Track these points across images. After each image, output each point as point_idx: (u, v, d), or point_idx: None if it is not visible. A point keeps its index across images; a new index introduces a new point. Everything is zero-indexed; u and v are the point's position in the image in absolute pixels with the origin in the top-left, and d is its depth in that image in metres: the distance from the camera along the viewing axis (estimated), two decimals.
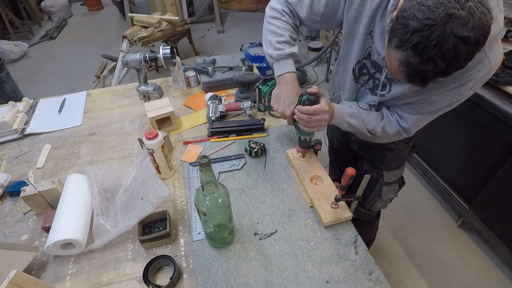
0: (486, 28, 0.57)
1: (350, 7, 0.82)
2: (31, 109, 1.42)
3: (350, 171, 0.78)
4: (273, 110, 1.02)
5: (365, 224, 1.39)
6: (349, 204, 0.90)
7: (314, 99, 0.86)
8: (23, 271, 0.65)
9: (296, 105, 0.91)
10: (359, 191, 0.84)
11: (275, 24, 0.95)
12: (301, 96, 0.89)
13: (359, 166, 1.22)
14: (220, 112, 1.25)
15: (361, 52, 0.87)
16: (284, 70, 0.93)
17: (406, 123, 0.89)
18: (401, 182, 1.21)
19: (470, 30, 0.55)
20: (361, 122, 0.92)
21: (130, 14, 3.39)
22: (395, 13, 0.65)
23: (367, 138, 1.04)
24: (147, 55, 1.33)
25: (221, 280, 0.77)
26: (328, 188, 0.94)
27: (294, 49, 0.94)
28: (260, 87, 1.11)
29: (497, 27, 0.67)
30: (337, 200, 0.86)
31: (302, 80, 3.26)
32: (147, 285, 0.75)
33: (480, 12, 0.55)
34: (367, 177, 0.82)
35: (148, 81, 1.44)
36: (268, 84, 1.09)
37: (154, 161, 0.98)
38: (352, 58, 0.90)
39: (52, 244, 0.78)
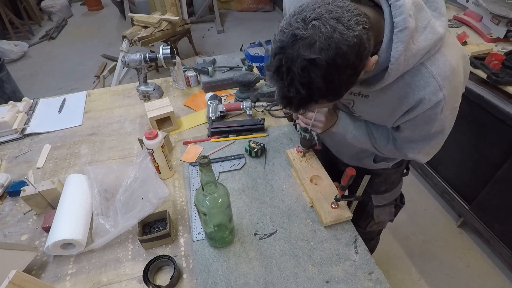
0: (345, 49, 0.50)
1: None
2: (31, 109, 1.42)
3: (350, 171, 0.78)
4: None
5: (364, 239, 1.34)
6: (349, 204, 0.90)
7: None
8: (23, 271, 0.65)
9: None
10: (359, 191, 0.84)
11: None
12: None
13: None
14: (220, 112, 1.25)
15: None
16: None
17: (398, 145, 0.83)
18: (398, 204, 1.15)
19: (318, 52, 0.50)
20: (365, 135, 0.86)
21: (130, 14, 3.39)
22: None
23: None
24: (147, 55, 1.33)
25: (221, 280, 0.77)
26: (328, 188, 0.94)
27: None
28: None
29: (433, 36, 0.59)
30: (337, 200, 0.86)
31: None
32: (147, 285, 0.75)
33: (331, 31, 0.50)
34: (367, 177, 0.82)
35: (148, 81, 1.44)
36: None
37: (154, 161, 0.98)
38: None
39: (52, 244, 0.78)
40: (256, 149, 1.08)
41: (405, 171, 1.10)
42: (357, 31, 0.51)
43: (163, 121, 1.22)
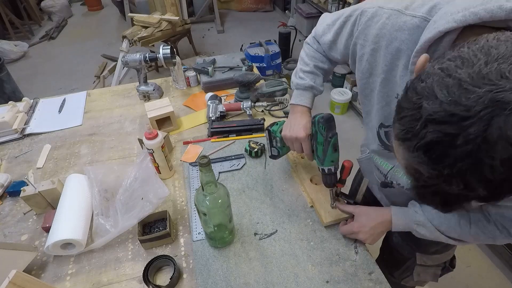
0: None
1: (362, 58, 0.67)
2: (31, 109, 1.42)
3: (347, 163, 0.78)
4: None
5: None
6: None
7: (328, 116, 0.77)
8: (23, 271, 0.65)
9: (312, 131, 0.82)
10: (358, 197, 0.83)
11: (305, 51, 0.89)
12: (314, 117, 0.82)
13: (387, 234, 1.04)
14: (220, 112, 1.25)
15: (382, 115, 0.69)
16: (299, 101, 0.87)
17: (508, 233, 0.61)
18: (447, 266, 0.98)
19: None
20: (433, 232, 0.71)
21: (130, 14, 3.39)
22: (413, 75, 0.45)
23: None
24: (147, 55, 1.33)
25: (221, 280, 0.77)
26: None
27: (316, 82, 0.86)
28: (270, 128, 0.97)
29: None
30: (337, 194, 0.86)
31: None
32: (147, 285, 0.75)
33: None
34: (365, 181, 0.81)
35: (148, 81, 1.44)
36: (277, 123, 0.97)
37: (154, 161, 0.98)
38: (373, 119, 0.73)
39: (52, 244, 0.78)
40: (256, 149, 1.08)
41: None
42: None
43: (163, 121, 1.22)
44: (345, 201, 0.87)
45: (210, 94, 1.35)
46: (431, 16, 0.53)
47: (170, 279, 0.74)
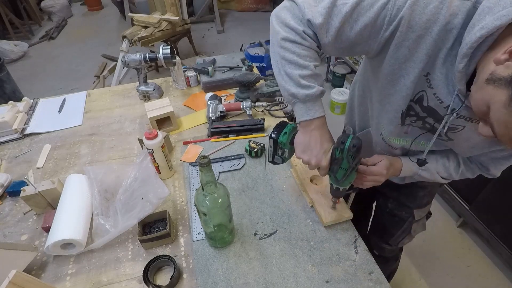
0: None
1: (400, 44, 0.61)
2: (31, 109, 1.42)
3: None
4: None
5: (389, 260, 1.28)
6: (346, 198, 0.89)
7: (360, 144, 0.70)
8: (23, 271, 0.65)
9: (335, 155, 0.74)
10: (356, 189, 0.84)
11: (295, 51, 0.69)
12: (343, 142, 0.71)
13: (381, 203, 1.12)
14: (220, 112, 1.25)
15: (412, 94, 0.68)
16: (314, 115, 0.72)
17: (487, 170, 0.79)
18: (428, 214, 1.10)
19: None
20: (433, 174, 0.82)
21: (130, 14, 3.39)
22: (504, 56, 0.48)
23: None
24: (147, 55, 1.33)
25: (221, 280, 0.77)
26: (328, 188, 0.94)
27: (322, 84, 0.74)
28: (276, 138, 0.81)
29: None
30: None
31: None
32: (147, 285, 0.75)
33: None
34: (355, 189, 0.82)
35: (148, 81, 1.44)
36: (285, 132, 0.81)
37: (154, 161, 0.98)
38: (399, 101, 0.70)
39: (52, 244, 0.78)
40: (256, 149, 1.08)
41: None
42: None
43: (163, 121, 1.22)
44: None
45: (210, 94, 1.35)
46: (478, 3, 0.53)
47: (170, 279, 0.74)
